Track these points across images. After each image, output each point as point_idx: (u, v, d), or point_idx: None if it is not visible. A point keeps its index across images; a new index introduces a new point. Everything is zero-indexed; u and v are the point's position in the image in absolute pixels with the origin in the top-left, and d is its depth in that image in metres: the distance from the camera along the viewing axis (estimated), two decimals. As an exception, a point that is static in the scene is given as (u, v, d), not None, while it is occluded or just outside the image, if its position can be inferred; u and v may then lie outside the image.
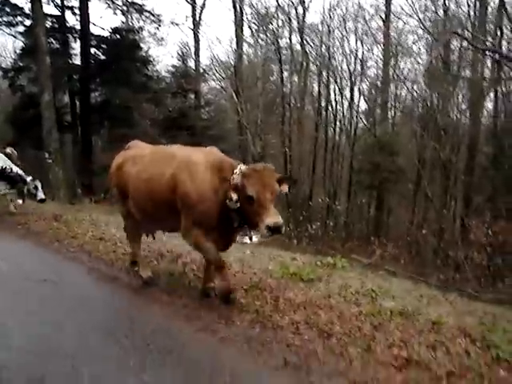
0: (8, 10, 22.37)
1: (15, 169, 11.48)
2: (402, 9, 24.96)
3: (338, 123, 28.76)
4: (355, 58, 28.04)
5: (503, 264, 10.89)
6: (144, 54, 25.13)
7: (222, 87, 24.20)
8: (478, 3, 20.77)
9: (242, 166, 4.80)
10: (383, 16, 25.39)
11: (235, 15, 24.14)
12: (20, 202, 11.87)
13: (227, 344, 4.28)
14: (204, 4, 25.67)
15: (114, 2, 23.61)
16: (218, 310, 5.04)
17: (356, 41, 28.41)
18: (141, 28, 24.95)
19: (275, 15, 26.48)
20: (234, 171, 4.76)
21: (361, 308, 4.93)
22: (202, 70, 24.46)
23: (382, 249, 12.42)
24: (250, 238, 5.18)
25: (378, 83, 26.80)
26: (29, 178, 11.39)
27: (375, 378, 3.58)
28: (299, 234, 14.37)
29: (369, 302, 5.16)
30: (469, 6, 21.49)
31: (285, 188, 4.86)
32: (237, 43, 23.61)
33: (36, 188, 11.41)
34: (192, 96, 22.94)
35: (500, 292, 7.59)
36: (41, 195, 11.43)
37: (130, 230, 6.56)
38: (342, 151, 27.70)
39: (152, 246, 7.75)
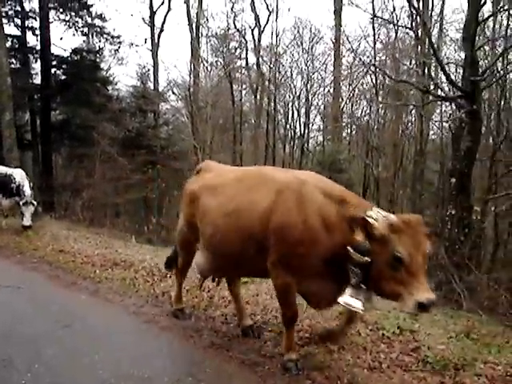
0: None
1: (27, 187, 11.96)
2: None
3: (293, 140, 30.09)
4: (310, 77, 29.45)
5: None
6: (104, 74, 25.91)
7: (176, 108, 25.05)
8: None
9: (386, 214, 3.81)
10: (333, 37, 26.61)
11: (191, 38, 25.12)
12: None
13: (167, 331, 5.26)
14: (162, 27, 26.61)
15: (74, 24, 24.39)
16: (161, 306, 6.04)
17: (312, 60, 29.75)
18: (101, 49, 25.68)
19: (232, 36, 27.75)
20: (367, 213, 3.79)
21: None
22: (160, 91, 25.26)
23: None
24: (359, 303, 3.81)
25: (330, 100, 28.04)
26: (23, 201, 11.65)
27: (280, 353, 4.57)
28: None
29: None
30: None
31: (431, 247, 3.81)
32: (193, 65, 24.59)
33: (23, 214, 11.64)
34: (150, 116, 23.76)
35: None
36: (26, 222, 11.61)
37: (182, 268, 5.75)
38: (294, 167, 28.86)
39: (107, 256, 8.66)
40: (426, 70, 14.56)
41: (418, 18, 14.40)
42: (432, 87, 12.61)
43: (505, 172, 14.87)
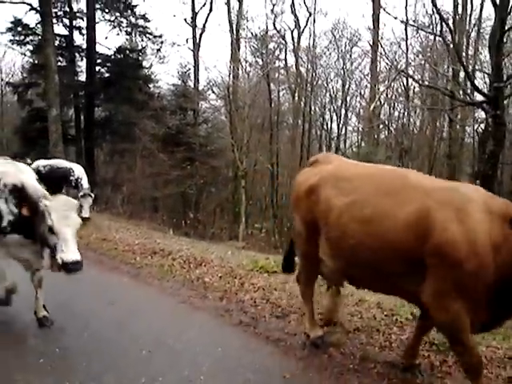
0: (19, 29, 23.87)
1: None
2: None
3: (329, 141, 30.37)
4: (346, 79, 29.67)
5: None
6: (146, 73, 26.69)
7: (216, 107, 25.65)
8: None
9: None
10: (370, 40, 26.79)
11: (231, 38, 25.68)
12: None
13: (200, 310, 5.77)
14: (204, 27, 27.25)
15: (119, 24, 25.27)
16: (196, 289, 6.54)
17: (352, 62, 29.95)
18: (143, 48, 26.53)
19: (271, 38, 28.20)
20: None
21: None
22: (200, 90, 25.91)
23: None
24: None
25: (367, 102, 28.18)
26: (81, 194, 11.46)
27: (299, 331, 5.02)
28: (283, 244, 15.76)
29: (318, 286, 6.55)
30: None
31: None
32: (232, 66, 25.15)
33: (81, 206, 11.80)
34: (190, 114, 24.43)
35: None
36: (85, 214, 10.89)
37: (307, 282, 4.99)
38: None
39: (147, 245, 9.23)
40: (456, 76, 14.75)
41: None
42: (461, 92, 12.80)
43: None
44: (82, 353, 4.58)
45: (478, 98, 11.61)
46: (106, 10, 25.05)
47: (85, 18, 24.35)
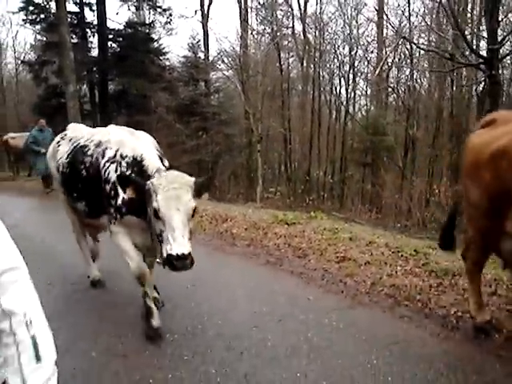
0: (31, 8, 24.41)
1: None
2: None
3: (338, 105, 30.86)
4: (356, 44, 30.01)
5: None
6: (157, 46, 27.21)
7: (227, 77, 26.16)
8: None
9: None
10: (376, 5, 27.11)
11: (240, 8, 26.12)
12: None
13: (231, 256, 6.67)
14: (211, -1, 27.61)
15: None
16: (225, 239, 7.43)
17: (358, 28, 30.22)
18: (153, 21, 27.00)
19: (278, 6, 28.55)
20: None
21: (324, 236, 7.19)
22: (211, 60, 26.42)
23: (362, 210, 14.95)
24: None
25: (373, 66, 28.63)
26: None
27: (322, 267, 5.86)
28: (298, 205, 16.62)
29: (331, 234, 7.39)
30: None
31: None
32: (241, 35, 25.67)
33: None
34: (202, 84, 25.06)
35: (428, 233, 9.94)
36: None
37: (477, 259, 4.33)
38: (339, 131, 29.77)
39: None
40: (457, 39, 15.24)
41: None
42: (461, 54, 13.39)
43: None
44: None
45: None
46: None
47: (95, -6, 24.83)
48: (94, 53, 25.68)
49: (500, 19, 12.15)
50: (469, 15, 21.97)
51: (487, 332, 4.19)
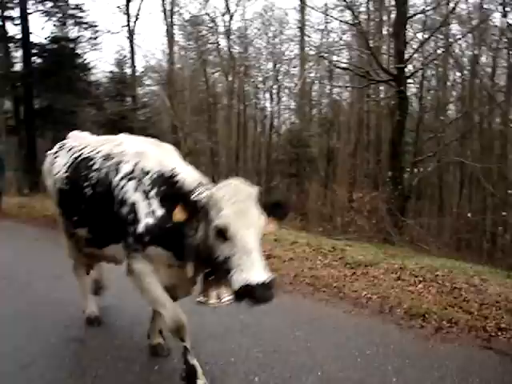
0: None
1: None
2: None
3: (264, 119, 31.92)
4: (280, 60, 31.16)
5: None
6: (83, 61, 27.20)
7: (154, 92, 26.62)
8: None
9: None
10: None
11: (166, 25, 26.66)
12: None
13: None
14: (138, 15, 27.94)
15: (52, 14, 25.65)
16: None
17: (280, 42, 31.43)
18: (79, 37, 26.96)
19: (203, 22, 29.31)
20: None
21: None
22: (137, 76, 26.75)
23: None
24: None
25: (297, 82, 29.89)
26: None
27: None
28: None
29: None
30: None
31: None
32: (168, 51, 26.19)
33: None
34: (129, 99, 25.33)
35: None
36: None
37: None
38: (264, 144, 30.79)
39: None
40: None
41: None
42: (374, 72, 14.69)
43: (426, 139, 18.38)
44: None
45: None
46: (39, 0, 25.44)
47: (17, 9, 24.64)
48: (18, 68, 25.45)
49: (407, 41, 13.43)
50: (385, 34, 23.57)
51: None
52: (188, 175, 3.68)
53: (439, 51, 21.04)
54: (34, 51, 25.25)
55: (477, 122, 22.66)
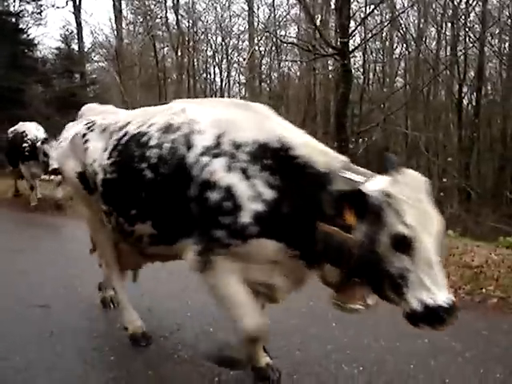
0: None
1: None
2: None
3: (214, 95, 31.95)
4: (229, 34, 31.23)
5: None
6: (27, 37, 26.55)
7: (104, 68, 26.34)
8: None
9: None
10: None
11: (113, 0, 26.30)
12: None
13: None
14: (83, -12, 27.39)
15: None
16: None
17: (229, 17, 31.41)
18: (21, 11, 26.27)
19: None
20: None
21: None
22: (85, 51, 26.40)
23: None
24: None
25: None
26: None
27: None
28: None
29: None
30: None
31: None
32: (116, 26, 25.88)
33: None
34: (78, 76, 25.02)
35: None
36: None
37: None
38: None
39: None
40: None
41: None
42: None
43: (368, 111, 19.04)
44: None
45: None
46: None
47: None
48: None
49: (351, 15, 13.89)
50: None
51: None
52: (313, 149, 3.00)
53: (385, 24, 21.53)
54: (-27, 26, 24.50)
55: (419, 91, 23.43)
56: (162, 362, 3.95)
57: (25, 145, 11.06)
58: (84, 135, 4.00)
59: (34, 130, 11.40)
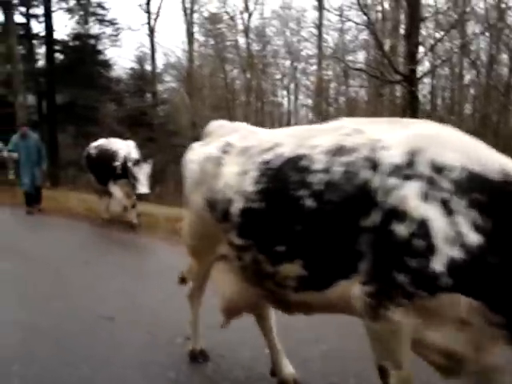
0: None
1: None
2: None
3: (281, 116, 32.24)
4: (298, 58, 31.46)
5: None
6: (104, 58, 27.75)
7: (175, 88, 27.09)
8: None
9: None
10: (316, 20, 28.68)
11: (186, 24, 27.10)
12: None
13: None
14: (158, 12, 28.40)
15: (76, 12, 26.26)
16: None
17: (298, 41, 31.67)
18: (99, 34, 27.52)
19: (222, 20, 29.74)
20: None
21: None
22: (158, 72, 27.26)
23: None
24: None
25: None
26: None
27: None
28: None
29: None
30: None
31: None
32: (188, 48, 26.63)
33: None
34: (149, 96, 25.85)
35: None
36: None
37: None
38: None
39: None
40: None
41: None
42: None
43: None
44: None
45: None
46: (63, -2, 25.98)
47: (41, 6, 25.20)
48: (41, 64, 26.06)
49: (420, 42, 13.71)
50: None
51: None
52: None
53: (454, 51, 21.07)
54: (56, 48, 25.87)
55: (491, 119, 22.72)
56: (218, 380, 3.90)
57: (116, 163, 10.39)
58: (217, 158, 3.48)
59: (125, 148, 10.67)
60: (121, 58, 54.59)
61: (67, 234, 10.29)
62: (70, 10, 26.00)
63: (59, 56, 26.51)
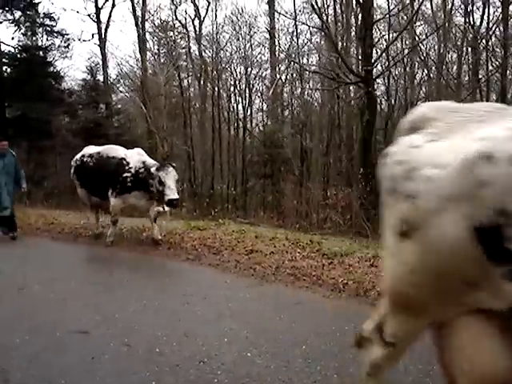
0: None
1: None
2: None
3: (236, 122, 32.29)
4: (251, 62, 31.63)
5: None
6: (54, 69, 27.26)
7: (130, 98, 26.87)
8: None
9: None
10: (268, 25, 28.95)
11: (138, 32, 26.96)
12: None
13: (155, 257, 7.57)
14: (109, 22, 28.11)
15: (21, 23, 25.71)
16: (147, 244, 8.34)
17: (251, 46, 31.88)
18: (49, 45, 27.09)
19: (173, 27, 29.71)
20: None
21: (233, 236, 8.41)
22: (110, 83, 26.99)
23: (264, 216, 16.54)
24: None
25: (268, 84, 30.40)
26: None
27: (234, 259, 6.98)
28: (204, 216, 17.69)
29: (239, 234, 8.60)
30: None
31: None
32: (141, 57, 26.51)
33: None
34: (103, 106, 25.54)
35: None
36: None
37: None
38: (238, 146, 31.27)
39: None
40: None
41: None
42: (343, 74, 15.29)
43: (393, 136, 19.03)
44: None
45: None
46: (6, 9, 25.42)
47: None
48: (-11, 77, 25.38)
49: (373, 44, 14.05)
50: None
51: None
52: None
53: (405, 51, 21.64)
54: (4, 60, 25.27)
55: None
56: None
57: (126, 174, 8.98)
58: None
59: (136, 156, 9.30)
60: (72, 69, 53.75)
61: (31, 250, 9.96)
62: (15, 22, 25.42)
63: (7, 69, 25.90)
